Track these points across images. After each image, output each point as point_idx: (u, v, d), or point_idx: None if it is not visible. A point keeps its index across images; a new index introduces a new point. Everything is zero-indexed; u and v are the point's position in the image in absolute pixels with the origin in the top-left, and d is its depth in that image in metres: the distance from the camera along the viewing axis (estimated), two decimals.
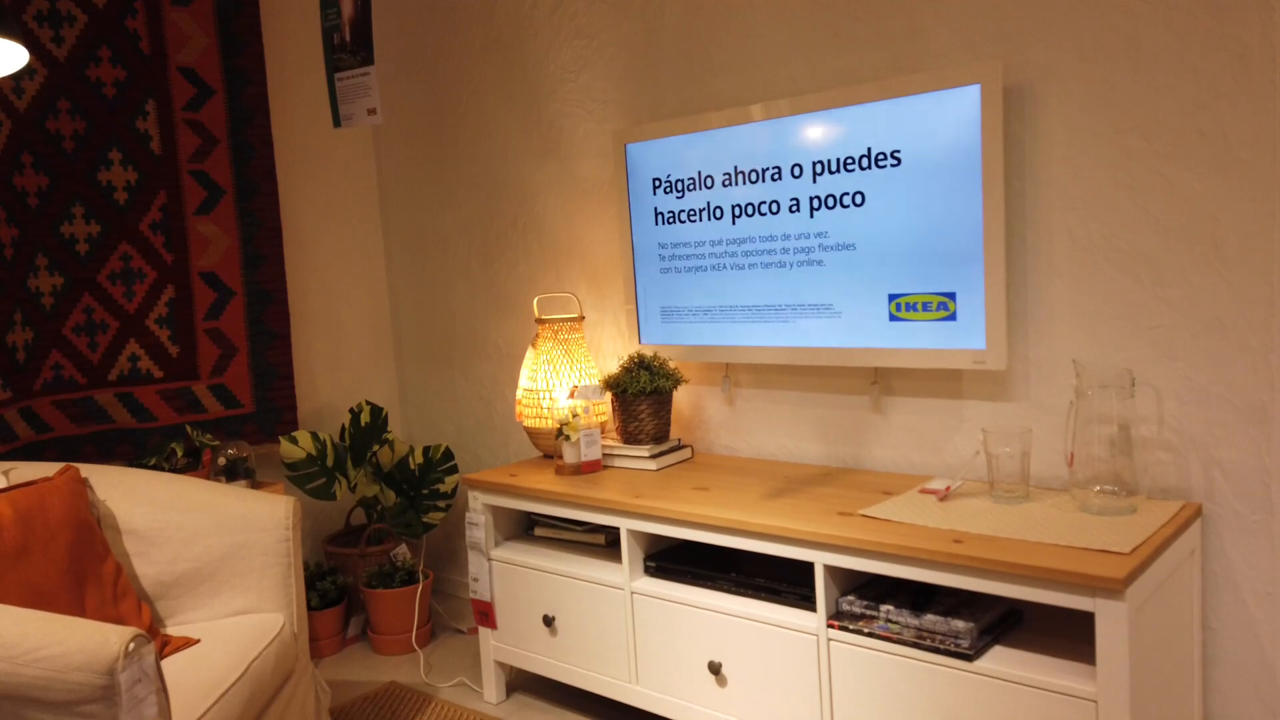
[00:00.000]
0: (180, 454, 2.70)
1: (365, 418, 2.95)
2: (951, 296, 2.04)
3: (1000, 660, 1.66)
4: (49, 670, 1.31)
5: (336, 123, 2.77)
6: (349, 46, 2.71)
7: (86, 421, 2.75)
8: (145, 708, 1.37)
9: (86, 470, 2.09)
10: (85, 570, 1.83)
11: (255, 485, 2.76)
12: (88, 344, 2.75)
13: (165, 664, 1.76)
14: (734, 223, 2.36)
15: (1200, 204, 1.80)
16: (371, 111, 2.70)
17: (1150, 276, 1.87)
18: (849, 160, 2.14)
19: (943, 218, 2.03)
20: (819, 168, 2.19)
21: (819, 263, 2.23)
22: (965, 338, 2.03)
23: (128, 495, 2.05)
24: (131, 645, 1.35)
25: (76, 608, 1.77)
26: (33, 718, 1.33)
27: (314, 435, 2.87)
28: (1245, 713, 1.83)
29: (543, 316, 2.61)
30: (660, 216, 2.51)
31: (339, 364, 3.34)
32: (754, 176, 2.31)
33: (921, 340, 2.09)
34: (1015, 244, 2.02)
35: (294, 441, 2.84)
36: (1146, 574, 1.56)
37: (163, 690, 1.42)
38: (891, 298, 2.13)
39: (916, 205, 2.06)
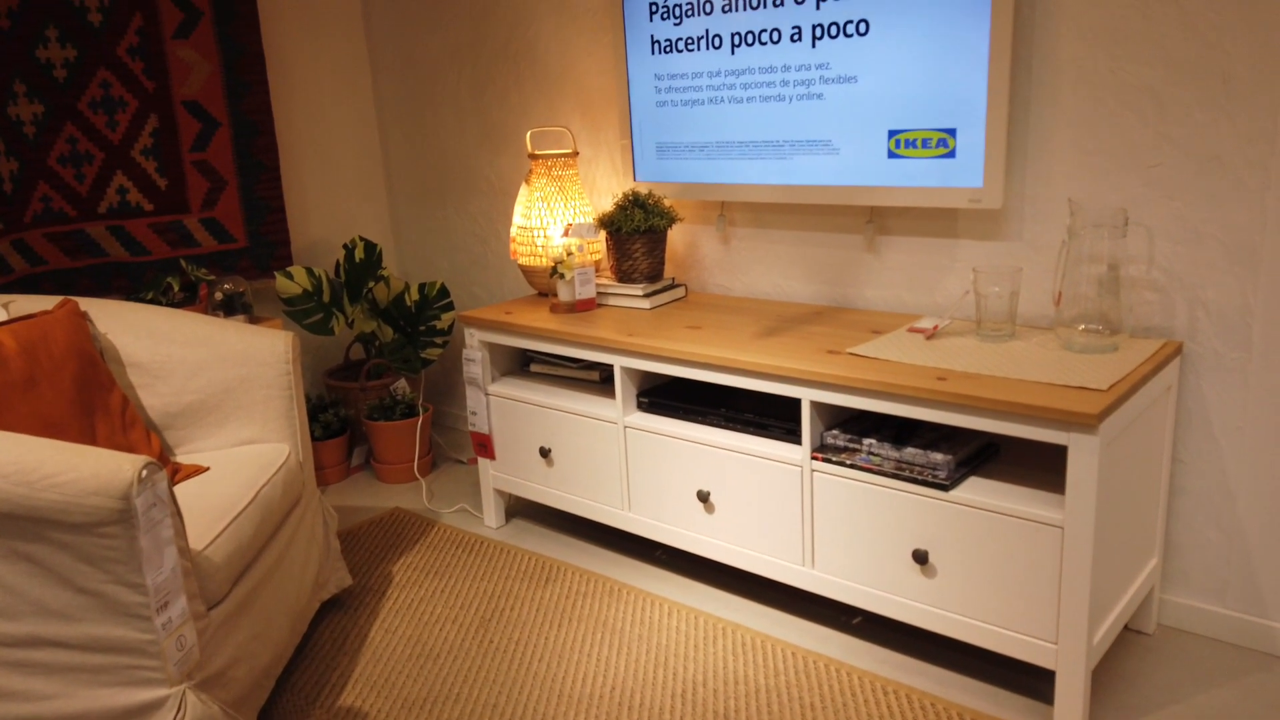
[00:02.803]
0: (177, 288, 2.72)
1: (360, 254, 2.95)
2: (952, 133, 2.00)
3: (974, 490, 1.74)
4: (66, 495, 1.38)
5: None
6: None
7: (80, 255, 2.74)
8: (162, 530, 1.45)
9: (85, 304, 2.11)
10: (93, 401, 1.88)
11: (253, 320, 2.79)
12: (74, 175, 2.71)
13: (177, 490, 1.83)
14: (733, 52, 2.28)
15: (1214, 34, 1.74)
16: None
17: (1154, 112, 1.83)
18: None
19: (949, 48, 1.96)
20: None
21: (819, 96, 2.17)
22: (963, 176, 2.01)
23: (128, 329, 2.08)
24: (144, 471, 1.40)
25: (87, 437, 1.83)
26: (57, 538, 1.41)
27: (309, 271, 2.88)
28: (1204, 538, 1.94)
29: (536, 152, 2.56)
30: (657, 45, 2.42)
31: (330, 199, 3.30)
32: (755, 1, 2.21)
33: (919, 178, 2.07)
34: (1020, 76, 1.96)
35: (289, 277, 2.84)
36: (1121, 409, 1.61)
37: (177, 514, 1.49)
38: (891, 134, 2.08)
39: (922, 34, 1.99)
